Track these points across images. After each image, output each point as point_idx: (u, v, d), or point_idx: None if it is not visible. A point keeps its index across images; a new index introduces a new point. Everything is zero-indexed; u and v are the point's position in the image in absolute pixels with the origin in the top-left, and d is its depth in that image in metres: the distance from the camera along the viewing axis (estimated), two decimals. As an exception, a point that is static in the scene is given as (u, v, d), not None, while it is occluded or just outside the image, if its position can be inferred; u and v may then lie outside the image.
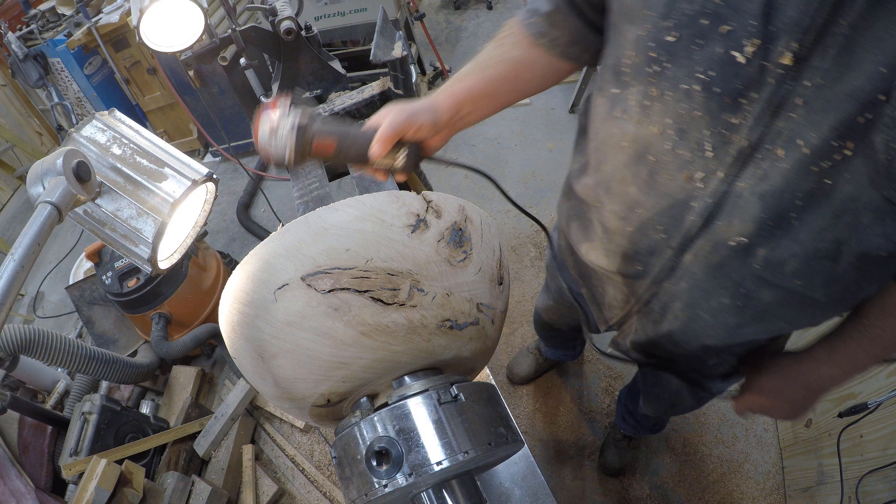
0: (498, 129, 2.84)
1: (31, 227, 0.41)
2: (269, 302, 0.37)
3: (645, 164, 0.52)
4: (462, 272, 0.40)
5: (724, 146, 0.44)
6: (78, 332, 2.23)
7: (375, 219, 0.37)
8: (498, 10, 3.94)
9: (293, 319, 0.36)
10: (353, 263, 0.36)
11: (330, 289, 0.35)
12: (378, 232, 0.37)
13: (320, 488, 1.33)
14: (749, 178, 0.45)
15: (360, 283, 0.36)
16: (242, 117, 2.84)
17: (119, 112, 0.59)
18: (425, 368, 0.41)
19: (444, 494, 0.37)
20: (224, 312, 0.41)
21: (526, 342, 1.92)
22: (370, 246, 0.36)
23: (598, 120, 0.60)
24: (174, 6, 0.93)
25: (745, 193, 0.45)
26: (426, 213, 0.39)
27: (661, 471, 1.55)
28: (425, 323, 0.38)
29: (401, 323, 0.37)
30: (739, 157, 0.44)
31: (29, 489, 1.24)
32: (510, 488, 0.74)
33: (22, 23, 2.80)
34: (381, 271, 0.36)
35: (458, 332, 0.40)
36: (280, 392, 0.40)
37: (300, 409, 0.41)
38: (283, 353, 0.38)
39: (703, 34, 0.41)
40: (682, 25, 0.42)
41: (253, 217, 2.64)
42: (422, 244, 0.38)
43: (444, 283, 0.38)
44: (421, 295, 0.37)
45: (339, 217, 0.37)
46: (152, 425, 1.48)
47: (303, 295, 0.36)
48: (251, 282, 0.38)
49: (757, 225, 0.46)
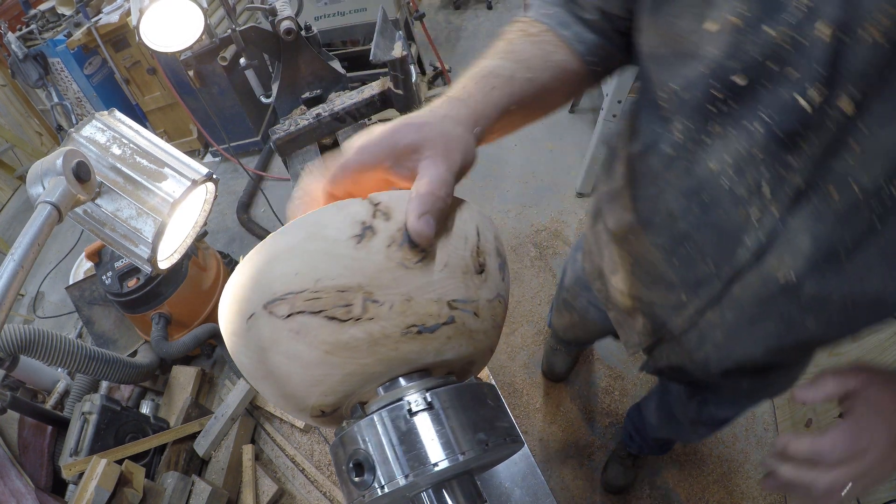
0: (498, 129, 2.84)
1: (31, 227, 0.41)
2: (244, 331, 0.38)
3: (698, 201, 0.51)
4: (422, 273, 0.37)
5: (780, 185, 0.44)
6: (78, 332, 2.23)
7: (319, 236, 0.36)
8: (498, 10, 3.94)
9: (265, 345, 0.37)
10: (304, 286, 0.35)
11: (287, 314, 0.36)
12: (323, 249, 0.36)
13: (320, 488, 1.33)
14: (802, 216, 0.45)
15: (312, 304, 0.35)
16: (242, 117, 2.84)
17: (119, 112, 0.59)
18: (410, 372, 0.41)
19: (444, 494, 0.37)
20: (222, 327, 0.43)
21: (525, 342, 1.92)
22: (318, 265, 0.35)
23: (636, 152, 0.58)
24: (174, 6, 0.93)
25: (798, 231, 0.45)
26: (373, 219, 0.37)
27: (661, 470, 1.55)
28: (387, 333, 0.36)
29: (360, 337, 0.36)
30: (795, 196, 0.44)
31: (29, 489, 1.24)
32: (510, 488, 0.74)
33: (22, 23, 2.80)
34: (331, 290, 0.35)
35: (430, 335, 0.38)
36: (282, 403, 0.42)
37: (303, 418, 0.43)
38: (265, 377, 0.39)
39: (771, 78, 0.40)
40: (751, 68, 0.41)
41: (253, 217, 2.64)
42: (369, 253, 0.36)
43: (401, 288, 0.36)
44: (376, 306, 0.36)
45: (287, 240, 0.37)
46: (152, 425, 1.48)
47: (267, 322, 0.36)
48: (231, 312, 0.39)
49: (807, 262, 0.46)
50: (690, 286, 0.58)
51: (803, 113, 0.40)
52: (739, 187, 0.47)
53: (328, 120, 1.02)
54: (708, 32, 0.42)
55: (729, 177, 0.47)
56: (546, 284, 2.08)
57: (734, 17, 0.40)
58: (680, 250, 0.56)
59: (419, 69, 2.97)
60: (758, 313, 0.54)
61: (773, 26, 0.38)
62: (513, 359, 1.89)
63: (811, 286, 0.48)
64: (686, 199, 0.52)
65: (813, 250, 0.45)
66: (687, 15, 0.44)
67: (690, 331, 0.64)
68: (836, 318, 0.50)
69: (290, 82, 1.10)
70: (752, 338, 0.58)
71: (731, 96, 0.43)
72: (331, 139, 1.06)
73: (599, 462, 1.60)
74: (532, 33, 0.56)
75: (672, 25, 0.46)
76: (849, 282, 0.46)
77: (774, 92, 0.40)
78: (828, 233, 0.44)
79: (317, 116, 1.01)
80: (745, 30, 0.40)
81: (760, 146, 0.43)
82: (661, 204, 0.56)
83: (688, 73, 0.46)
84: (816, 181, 0.42)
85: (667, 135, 0.52)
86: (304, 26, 1.07)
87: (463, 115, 0.44)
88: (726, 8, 0.40)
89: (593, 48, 0.57)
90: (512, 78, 0.50)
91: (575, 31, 0.56)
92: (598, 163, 2.27)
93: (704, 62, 0.44)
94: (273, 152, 3.00)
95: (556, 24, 0.56)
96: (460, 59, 3.46)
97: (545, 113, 0.57)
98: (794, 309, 0.51)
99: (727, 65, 0.42)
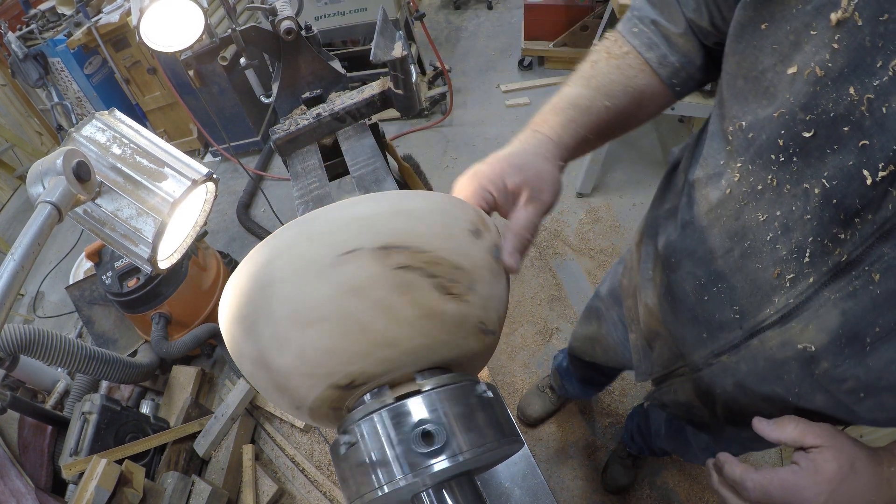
0: (498, 128, 2.84)
1: (31, 227, 0.41)
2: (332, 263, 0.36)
3: (739, 246, 0.50)
4: (498, 285, 0.43)
5: (823, 255, 0.42)
6: (78, 332, 2.23)
7: (446, 214, 0.40)
8: (498, 10, 3.94)
9: (356, 285, 0.36)
10: (426, 248, 0.37)
11: (401, 265, 0.36)
12: (448, 226, 0.40)
13: (320, 488, 1.33)
14: (837, 290, 0.43)
15: (430, 267, 0.37)
16: (242, 117, 2.84)
17: (119, 112, 0.59)
18: (439, 366, 0.42)
19: (444, 494, 0.37)
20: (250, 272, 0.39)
21: (525, 342, 1.92)
22: (440, 237, 0.38)
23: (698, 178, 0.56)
24: (174, 6, 0.93)
25: (829, 304, 0.44)
26: (481, 225, 0.42)
27: (661, 470, 1.55)
28: (470, 320, 0.40)
29: (453, 314, 0.38)
30: (834, 268, 0.42)
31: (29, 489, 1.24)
32: (510, 488, 0.74)
33: (22, 23, 2.80)
34: (448, 262, 0.38)
35: (483, 337, 0.42)
36: (299, 365, 0.38)
37: (310, 389, 0.39)
38: (330, 321, 0.37)
39: (840, 140, 0.38)
40: (822, 125, 0.38)
41: (253, 217, 2.64)
42: (479, 250, 0.41)
43: (488, 290, 0.41)
44: (473, 293, 0.39)
45: (414, 203, 0.39)
46: (152, 425, 1.48)
47: (373, 264, 0.36)
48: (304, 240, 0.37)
49: (830, 338, 0.45)
50: (713, 327, 0.57)
51: (865, 188, 0.37)
52: (782, 245, 0.45)
53: (328, 120, 1.02)
54: (788, 76, 0.40)
55: (774, 232, 0.46)
56: (546, 284, 2.08)
57: (818, 67, 0.37)
58: (712, 289, 0.55)
59: (419, 69, 2.97)
60: (770, 374, 0.53)
61: (857, 88, 0.36)
62: (513, 359, 1.89)
63: (828, 363, 0.46)
64: (729, 240, 0.51)
65: (839, 328, 0.44)
66: (770, 51, 0.42)
67: (704, 370, 0.63)
68: (845, 401, 0.48)
69: (290, 82, 1.10)
70: (760, 395, 0.56)
71: (797, 151, 0.41)
72: (331, 139, 1.06)
73: (599, 462, 1.60)
74: (616, 55, 0.59)
75: (753, 59, 0.44)
76: (866, 369, 0.44)
77: (840, 158, 0.38)
78: (859, 315, 0.42)
79: (317, 116, 1.01)
80: (827, 83, 0.37)
81: (813, 211, 0.41)
82: (706, 237, 0.55)
83: (760, 113, 0.44)
84: (861, 260, 0.40)
85: (728, 171, 0.50)
86: (305, 26, 1.07)
87: (551, 152, 0.52)
88: (813, 55, 0.38)
89: (676, 71, 0.58)
90: (590, 108, 0.56)
91: (660, 53, 0.57)
92: (599, 163, 2.27)
93: (777, 107, 0.41)
94: (273, 152, 3.00)
95: (641, 46, 0.58)
96: (460, 59, 3.46)
97: (622, 133, 0.61)
98: (807, 381, 0.49)
99: (798, 116, 0.40)
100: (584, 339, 1.16)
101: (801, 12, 0.38)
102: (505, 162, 0.49)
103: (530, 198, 0.48)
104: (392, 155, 1.26)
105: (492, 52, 3.47)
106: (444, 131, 2.92)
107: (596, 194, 2.38)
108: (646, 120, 0.62)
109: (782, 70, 0.40)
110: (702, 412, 0.70)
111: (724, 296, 0.54)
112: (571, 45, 2.94)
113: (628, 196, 2.35)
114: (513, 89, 3.06)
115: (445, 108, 2.94)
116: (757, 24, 0.42)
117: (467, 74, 3.30)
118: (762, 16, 0.42)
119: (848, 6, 0.35)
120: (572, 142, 0.54)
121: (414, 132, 2.95)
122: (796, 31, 0.39)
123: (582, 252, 2.17)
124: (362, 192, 0.90)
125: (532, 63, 3.21)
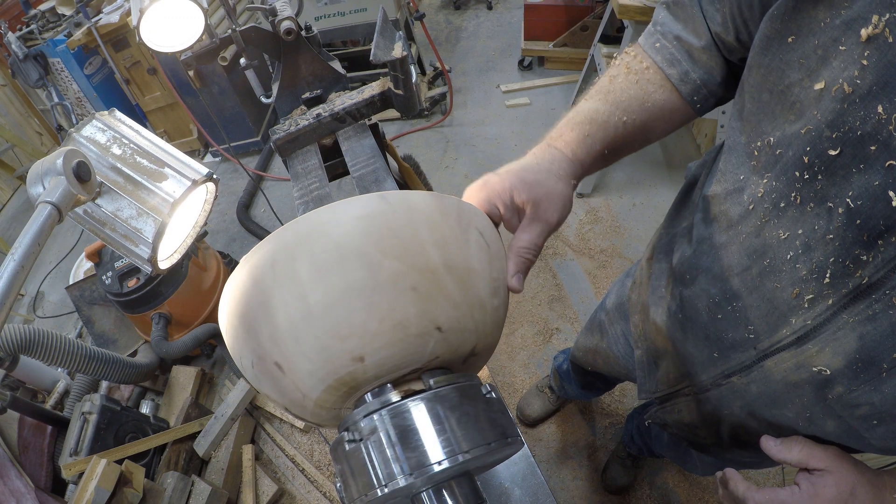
0: (498, 128, 2.84)
1: (31, 227, 0.41)
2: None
3: (758, 264, 0.49)
4: None
5: (844, 277, 0.41)
6: (78, 332, 2.23)
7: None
8: (498, 10, 3.94)
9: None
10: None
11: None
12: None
13: (320, 488, 1.33)
14: (856, 314, 0.42)
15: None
16: (242, 117, 2.84)
17: (119, 112, 0.59)
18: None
19: (444, 494, 0.37)
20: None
21: (525, 342, 1.92)
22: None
23: (718, 193, 0.55)
24: (174, 6, 0.93)
25: (846, 328, 0.43)
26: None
27: (661, 470, 1.55)
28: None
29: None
30: (854, 291, 0.41)
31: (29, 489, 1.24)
32: (510, 488, 0.74)
33: (22, 23, 2.80)
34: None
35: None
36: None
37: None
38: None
39: (867, 160, 0.37)
40: (848, 143, 0.37)
41: (253, 217, 2.64)
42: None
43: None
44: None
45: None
46: (152, 425, 1.48)
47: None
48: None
49: (846, 362, 0.44)
50: (725, 346, 0.56)
51: (890, 209, 0.36)
52: (802, 265, 0.44)
53: (328, 120, 1.02)
54: (815, 92, 0.39)
55: (795, 251, 0.44)
56: (546, 284, 2.08)
57: (846, 84, 0.36)
58: (726, 307, 0.54)
59: (419, 69, 2.98)
60: (782, 397, 0.52)
61: (885, 106, 0.34)
62: (513, 359, 1.89)
63: (842, 388, 0.45)
64: (748, 257, 0.50)
65: (856, 352, 0.43)
66: (797, 66, 0.41)
67: (712, 391, 0.61)
68: (857, 427, 0.47)
69: (290, 82, 1.10)
70: (770, 418, 0.55)
71: (822, 169, 0.40)
72: (331, 139, 1.06)
73: (599, 462, 1.60)
74: (635, 70, 0.58)
75: (780, 73, 0.43)
76: (881, 396, 0.43)
77: (866, 177, 0.37)
78: (877, 340, 0.41)
79: (317, 116, 1.01)
80: (855, 101, 0.36)
81: (836, 231, 0.40)
82: (723, 254, 0.54)
83: (787, 129, 0.43)
84: (882, 284, 0.40)
85: (751, 186, 0.49)
86: (305, 26, 1.07)
87: (564, 169, 0.52)
88: (841, 71, 0.37)
89: (697, 88, 0.57)
90: (606, 123, 0.55)
91: (682, 69, 0.57)
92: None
93: (804, 123, 0.40)
94: (273, 152, 3.00)
95: (663, 62, 0.57)
96: (460, 59, 3.46)
97: (639, 148, 0.61)
98: (819, 407, 0.49)
99: (825, 133, 0.39)
100: (587, 351, 1.15)
101: (829, 26, 0.37)
102: (516, 177, 0.49)
103: (535, 217, 0.49)
104: (392, 155, 1.26)
105: (492, 53, 3.47)
106: (444, 131, 2.92)
107: (596, 194, 2.38)
108: (663, 135, 0.62)
109: (809, 85, 0.39)
110: (705, 434, 0.69)
111: (738, 315, 0.53)
112: (571, 45, 2.95)
113: (628, 196, 2.35)
114: (513, 89, 3.06)
115: (445, 108, 2.94)
116: (784, 38, 0.41)
117: (467, 74, 3.30)
118: (789, 29, 0.41)
119: (879, 22, 0.34)
120: (587, 158, 0.54)
121: (414, 132, 2.95)
122: (824, 46, 0.38)
123: (582, 252, 2.17)
124: (362, 191, 0.90)
125: (532, 63, 3.21)
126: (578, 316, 1.97)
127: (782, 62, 0.42)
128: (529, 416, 1.68)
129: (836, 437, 0.51)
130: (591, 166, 0.56)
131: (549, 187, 0.50)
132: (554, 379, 1.56)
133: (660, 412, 0.78)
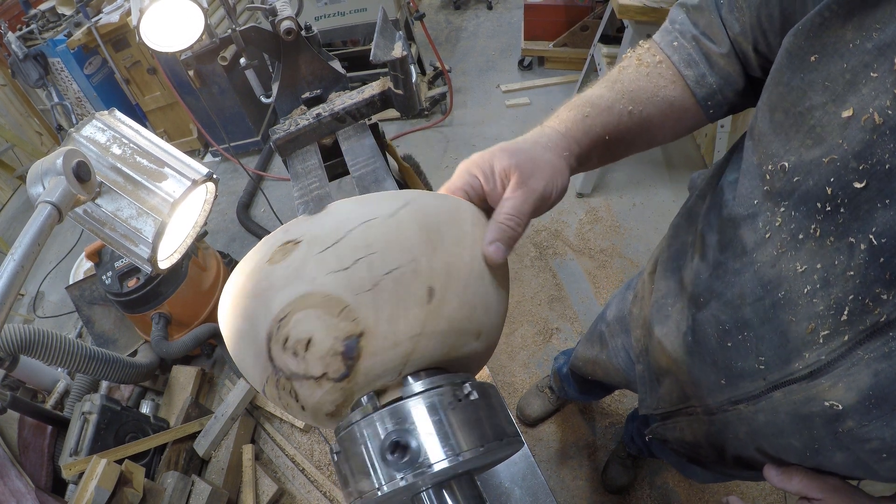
0: (498, 128, 2.84)
1: (31, 227, 0.41)
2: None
3: (771, 295, 0.47)
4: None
5: (861, 314, 0.40)
6: (78, 332, 2.23)
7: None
8: (498, 10, 3.94)
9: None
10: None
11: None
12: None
13: (320, 488, 1.33)
14: (872, 351, 0.41)
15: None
16: (242, 117, 2.84)
17: (119, 112, 0.59)
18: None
19: (444, 494, 0.37)
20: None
21: (525, 342, 1.92)
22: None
23: (732, 216, 0.53)
24: (174, 6, 0.93)
25: (861, 364, 0.42)
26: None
27: (661, 470, 1.55)
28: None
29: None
30: (872, 328, 0.40)
31: (29, 489, 1.23)
32: (510, 488, 0.74)
33: (22, 23, 2.80)
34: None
35: None
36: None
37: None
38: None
39: (894, 195, 0.35)
40: (875, 176, 0.35)
41: (253, 217, 2.64)
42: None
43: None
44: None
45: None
46: (152, 425, 1.48)
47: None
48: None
49: (859, 398, 0.43)
50: (733, 374, 0.55)
51: None
52: (819, 300, 0.43)
53: (328, 120, 1.02)
54: (842, 119, 0.37)
55: (813, 285, 0.43)
56: (546, 284, 2.08)
57: (877, 114, 0.34)
58: (737, 336, 0.52)
59: (419, 69, 2.97)
60: (790, 427, 0.51)
61: None
62: (513, 359, 1.89)
63: (853, 422, 0.45)
64: (761, 287, 0.48)
65: (869, 389, 0.42)
66: (821, 88, 0.38)
67: (717, 415, 0.60)
68: (866, 459, 0.47)
69: (290, 82, 1.10)
70: (776, 447, 0.55)
71: (846, 202, 0.38)
72: (331, 139, 1.06)
73: (599, 462, 1.60)
74: (647, 63, 0.56)
75: (800, 93, 0.40)
76: (893, 431, 0.42)
77: (891, 213, 0.35)
78: (891, 377, 0.40)
79: (317, 116, 1.01)
80: (885, 132, 0.34)
81: (857, 268, 0.39)
82: (737, 281, 0.51)
83: (805, 155, 0.40)
84: None
85: (765, 213, 0.46)
86: (305, 26, 1.07)
87: (554, 140, 0.49)
88: (872, 99, 0.35)
89: (713, 93, 0.55)
90: (610, 108, 0.52)
91: (699, 72, 0.54)
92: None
93: (828, 152, 0.38)
94: (273, 152, 3.00)
95: (680, 61, 0.55)
96: (460, 59, 3.46)
97: (650, 145, 0.58)
98: (828, 439, 0.48)
99: (851, 164, 0.36)
100: (587, 362, 1.13)
101: (859, 49, 0.35)
102: (497, 148, 0.46)
103: (519, 184, 0.44)
104: (392, 155, 1.26)
105: (492, 52, 3.47)
106: (444, 131, 2.92)
107: (596, 194, 2.38)
108: (670, 137, 0.58)
109: (834, 111, 0.37)
110: (708, 454, 0.68)
111: (749, 345, 0.51)
112: (571, 45, 2.95)
113: (628, 196, 2.35)
114: (513, 89, 3.06)
115: (445, 108, 2.94)
116: (806, 56, 0.39)
117: (467, 74, 3.30)
118: (813, 47, 0.38)
119: None
120: (584, 138, 0.51)
121: (414, 132, 2.95)
122: (853, 70, 0.36)
123: (582, 252, 2.17)
124: (362, 191, 0.90)
125: (532, 63, 3.21)
126: (578, 316, 1.97)
127: (804, 82, 0.39)
128: (529, 415, 1.68)
129: (845, 468, 0.50)
130: (589, 148, 0.51)
131: (534, 154, 0.46)
132: (554, 380, 1.56)
133: (661, 428, 0.76)
